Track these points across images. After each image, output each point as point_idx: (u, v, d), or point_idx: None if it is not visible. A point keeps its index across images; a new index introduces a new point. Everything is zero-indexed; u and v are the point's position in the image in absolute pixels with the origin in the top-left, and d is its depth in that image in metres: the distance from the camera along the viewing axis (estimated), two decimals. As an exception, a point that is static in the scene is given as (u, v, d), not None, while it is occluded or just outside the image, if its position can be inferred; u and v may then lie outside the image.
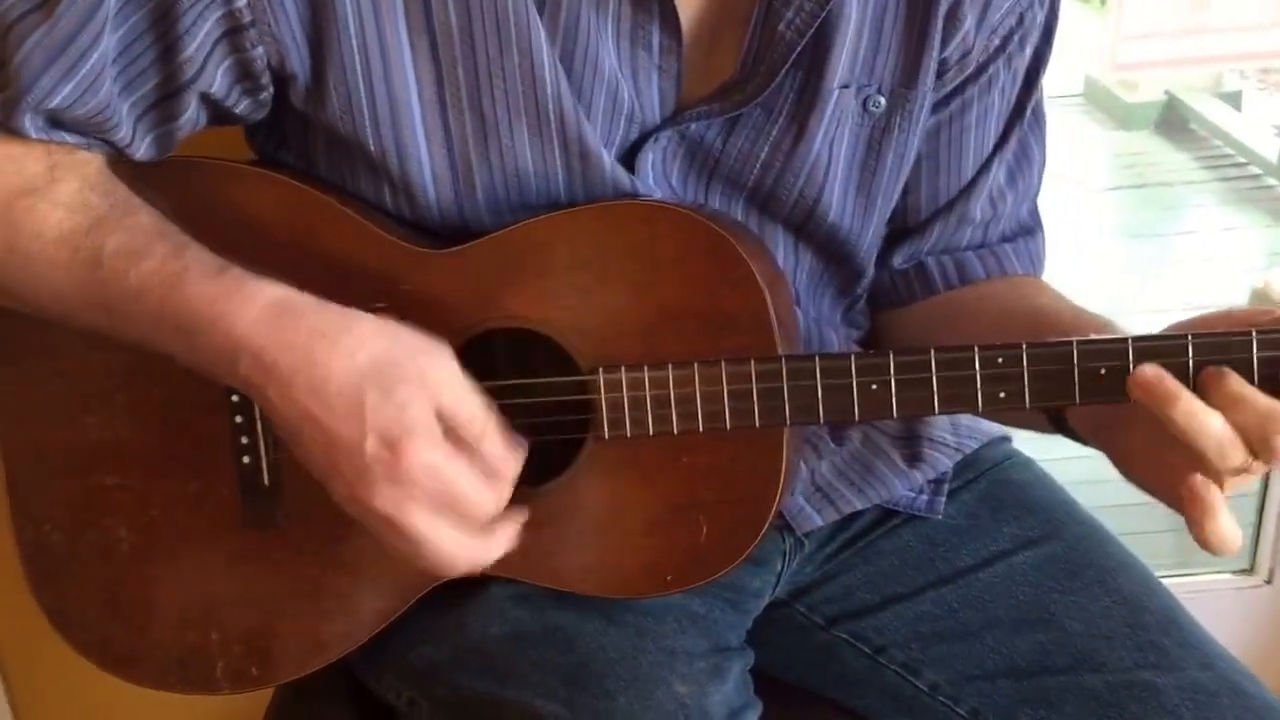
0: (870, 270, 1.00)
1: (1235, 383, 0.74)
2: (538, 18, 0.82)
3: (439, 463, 0.74)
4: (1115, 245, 2.55)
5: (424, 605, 0.91)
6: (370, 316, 0.77)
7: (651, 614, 0.90)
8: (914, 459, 1.02)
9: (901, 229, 1.00)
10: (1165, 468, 0.77)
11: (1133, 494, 0.82)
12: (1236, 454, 0.73)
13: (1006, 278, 1.00)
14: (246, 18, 0.80)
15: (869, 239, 0.97)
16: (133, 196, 0.82)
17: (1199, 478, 0.74)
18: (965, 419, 1.05)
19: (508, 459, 0.78)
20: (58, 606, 0.94)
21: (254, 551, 0.90)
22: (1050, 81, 1.01)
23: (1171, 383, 0.74)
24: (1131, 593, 0.97)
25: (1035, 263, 1.03)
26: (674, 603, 0.92)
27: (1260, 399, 0.74)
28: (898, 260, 1.01)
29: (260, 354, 0.75)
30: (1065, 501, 1.04)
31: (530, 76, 0.83)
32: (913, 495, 1.03)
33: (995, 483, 1.05)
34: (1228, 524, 0.74)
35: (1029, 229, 1.03)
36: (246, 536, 0.90)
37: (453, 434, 0.76)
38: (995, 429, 1.07)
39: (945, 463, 1.03)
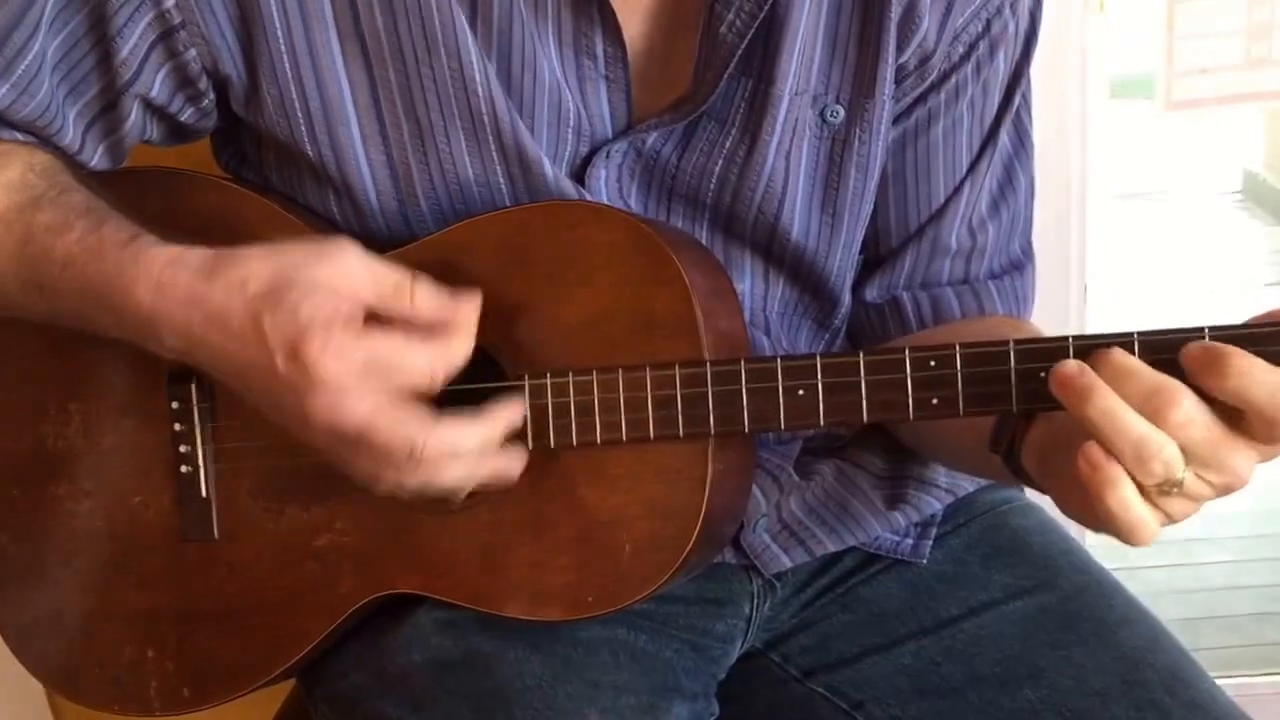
0: (846, 299, 0.94)
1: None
2: (462, 17, 0.81)
3: (347, 343, 0.71)
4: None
5: (353, 633, 0.88)
6: (257, 247, 0.76)
7: (583, 645, 0.84)
8: (896, 500, 0.95)
9: (874, 258, 0.95)
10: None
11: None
12: (1158, 463, 0.65)
13: (984, 318, 0.93)
14: (176, 19, 0.81)
15: (839, 262, 0.91)
16: (74, 181, 0.82)
17: (1095, 445, 0.66)
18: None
19: (449, 305, 0.75)
20: (13, 622, 0.93)
21: (191, 566, 0.89)
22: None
23: (1090, 376, 0.67)
24: (1133, 648, 0.87)
25: (1020, 303, 0.95)
26: (615, 637, 0.86)
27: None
28: (872, 293, 0.94)
29: (170, 319, 0.75)
30: (1068, 550, 0.95)
31: (460, 78, 0.82)
32: (896, 539, 0.95)
33: (989, 528, 0.97)
34: (1134, 498, 0.66)
35: (1019, 265, 0.96)
36: (185, 550, 0.89)
37: (381, 315, 0.74)
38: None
39: (934, 505, 0.96)
